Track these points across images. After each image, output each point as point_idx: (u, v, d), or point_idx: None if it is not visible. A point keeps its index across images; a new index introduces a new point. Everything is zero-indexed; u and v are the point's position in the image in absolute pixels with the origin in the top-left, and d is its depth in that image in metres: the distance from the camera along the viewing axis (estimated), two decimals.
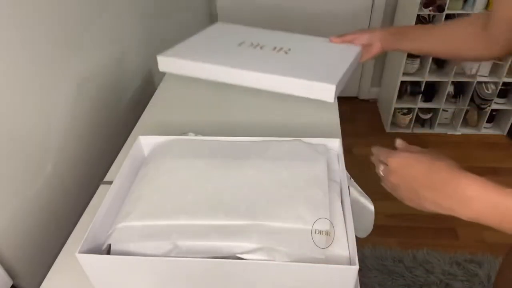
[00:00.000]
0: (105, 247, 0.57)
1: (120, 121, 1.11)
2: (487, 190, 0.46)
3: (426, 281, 1.49)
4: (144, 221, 0.58)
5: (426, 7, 1.82)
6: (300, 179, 0.62)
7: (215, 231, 0.56)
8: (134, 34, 1.22)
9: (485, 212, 0.46)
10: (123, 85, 1.14)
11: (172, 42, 1.06)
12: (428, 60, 1.99)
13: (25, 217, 0.74)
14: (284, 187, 0.61)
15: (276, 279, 0.53)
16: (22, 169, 0.73)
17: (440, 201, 0.49)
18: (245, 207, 0.59)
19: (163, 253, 0.55)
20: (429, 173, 0.51)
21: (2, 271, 0.67)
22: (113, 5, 1.06)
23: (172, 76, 1.19)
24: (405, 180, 0.53)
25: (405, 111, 2.18)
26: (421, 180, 0.51)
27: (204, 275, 0.55)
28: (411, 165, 0.53)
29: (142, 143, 0.74)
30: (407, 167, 0.53)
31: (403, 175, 0.53)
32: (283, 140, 0.71)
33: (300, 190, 0.61)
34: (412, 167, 0.52)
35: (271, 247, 0.53)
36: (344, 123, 0.93)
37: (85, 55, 0.94)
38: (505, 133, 2.18)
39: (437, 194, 0.49)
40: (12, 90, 0.70)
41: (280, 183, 0.62)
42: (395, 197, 0.57)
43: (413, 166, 0.52)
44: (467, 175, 0.48)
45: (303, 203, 0.58)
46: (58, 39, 0.82)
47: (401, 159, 0.54)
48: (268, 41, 0.99)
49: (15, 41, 0.70)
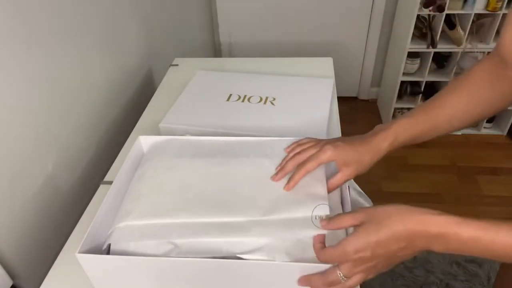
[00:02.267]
0: (105, 247, 0.57)
1: (120, 121, 1.11)
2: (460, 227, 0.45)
3: (426, 281, 1.49)
4: (144, 221, 0.58)
5: (426, 7, 1.82)
6: None
7: (215, 229, 0.56)
8: (134, 34, 1.22)
9: (459, 249, 0.46)
10: (123, 85, 1.14)
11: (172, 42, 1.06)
12: (428, 60, 1.99)
13: (25, 217, 0.74)
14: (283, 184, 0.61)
15: (276, 279, 0.53)
16: (22, 169, 0.73)
17: (416, 250, 0.48)
18: (244, 205, 0.59)
19: (163, 253, 0.54)
20: (395, 234, 0.47)
21: (2, 271, 0.67)
22: (113, 5, 1.06)
23: (172, 76, 1.19)
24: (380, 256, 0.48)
25: (405, 111, 2.18)
26: (394, 245, 0.47)
27: (204, 275, 0.55)
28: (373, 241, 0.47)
29: (142, 143, 0.74)
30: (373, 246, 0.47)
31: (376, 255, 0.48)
32: (283, 140, 0.71)
33: (299, 186, 0.61)
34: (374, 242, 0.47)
35: (271, 246, 0.53)
36: (344, 123, 0.93)
37: (85, 56, 0.94)
38: (505, 133, 2.17)
39: (410, 246, 0.47)
40: (12, 90, 0.70)
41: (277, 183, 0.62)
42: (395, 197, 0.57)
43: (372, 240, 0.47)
44: (429, 214, 0.46)
45: (303, 199, 0.58)
46: (58, 39, 0.82)
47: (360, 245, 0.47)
48: (253, 90, 1.01)
49: (16, 41, 0.70)
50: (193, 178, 0.64)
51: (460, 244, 0.45)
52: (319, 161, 0.60)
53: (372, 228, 0.47)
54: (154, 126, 0.91)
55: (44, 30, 0.77)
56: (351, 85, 2.46)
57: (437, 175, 1.94)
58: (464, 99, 0.63)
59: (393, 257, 0.48)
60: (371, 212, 0.49)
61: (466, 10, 1.83)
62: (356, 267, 0.48)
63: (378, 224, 0.47)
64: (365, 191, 0.69)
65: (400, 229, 0.46)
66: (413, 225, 0.46)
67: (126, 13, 1.15)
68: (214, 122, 0.89)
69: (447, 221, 0.45)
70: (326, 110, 0.92)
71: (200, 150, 0.70)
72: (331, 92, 0.99)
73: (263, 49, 2.27)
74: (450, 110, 0.63)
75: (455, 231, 0.45)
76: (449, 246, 0.46)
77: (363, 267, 0.48)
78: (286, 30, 2.24)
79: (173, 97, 0.98)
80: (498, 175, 1.94)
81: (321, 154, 0.60)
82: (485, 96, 0.63)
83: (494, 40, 1.90)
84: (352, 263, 0.48)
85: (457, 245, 0.45)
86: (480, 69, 0.64)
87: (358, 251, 0.47)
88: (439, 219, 0.46)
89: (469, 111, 0.63)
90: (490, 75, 0.63)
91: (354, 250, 0.47)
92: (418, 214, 0.47)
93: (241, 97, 0.97)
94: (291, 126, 0.87)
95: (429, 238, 0.46)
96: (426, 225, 0.46)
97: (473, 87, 0.63)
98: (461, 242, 0.45)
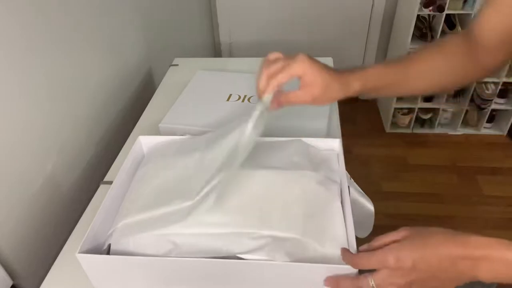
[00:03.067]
0: (105, 247, 0.57)
1: (120, 121, 1.11)
2: (508, 249, 0.42)
3: None
4: (144, 220, 0.58)
5: (426, 7, 1.82)
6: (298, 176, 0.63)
7: (215, 229, 0.56)
8: (134, 34, 1.22)
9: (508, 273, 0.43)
10: (123, 85, 1.14)
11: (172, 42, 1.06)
12: None
13: (25, 217, 0.74)
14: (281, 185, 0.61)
15: (276, 279, 0.53)
16: (22, 169, 0.73)
17: (460, 276, 0.45)
18: (245, 205, 0.59)
19: (163, 253, 0.55)
20: (440, 251, 0.44)
21: (2, 271, 0.67)
22: (114, 5, 1.06)
23: (172, 76, 1.19)
24: (420, 272, 0.45)
25: (405, 111, 2.18)
26: (436, 263, 0.44)
27: (204, 275, 0.55)
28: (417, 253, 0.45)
29: (142, 143, 0.74)
30: (415, 258, 0.45)
31: (416, 269, 0.45)
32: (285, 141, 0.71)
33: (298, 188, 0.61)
34: (417, 255, 0.45)
35: (271, 246, 0.53)
36: (344, 123, 0.93)
37: (85, 55, 0.94)
38: (505, 133, 2.17)
39: (453, 269, 0.44)
40: (11, 91, 0.70)
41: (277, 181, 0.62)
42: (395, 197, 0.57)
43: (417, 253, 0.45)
44: (475, 236, 0.44)
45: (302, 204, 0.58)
46: (58, 39, 0.82)
47: (403, 254, 0.45)
48: (253, 90, 1.01)
49: (15, 41, 0.70)
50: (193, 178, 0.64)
51: (507, 266, 0.42)
52: (291, 72, 0.55)
53: (418, 242, 0.46)
54: (154, 126, 0.91)
55: (44, 31, 0.77)
56: None
57: (437, 175, 1.94)
58: (438, 61, 0.63)
59: (434, 278, 0.45)
60: (415, 229, 0.48)
61: (466, 10, 1.83)
62: (392, 278, 0.46)
63: (424, 240, 0.45)
64: (365, 191, 0.69)
65: (445, 248, 0.44)
66: (459, 246, 0.44)
67: (126, 13, 1.15)
68: (214, 122, 0.89)
69: (494, 242, 0.43)
70: (326, 110, 0.92)
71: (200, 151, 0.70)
72: None
73: (263, 49, 2.27)
74: (424, 66, 0.63)
75: (501, 252, 0.42)
76: (495, 270, 0.43)
77: (399, 280, 0.46)
78: (286, 30, 2.24)
79: (173, 97, 0.98)
80: (498, 175, 1.94)
81: (294, 64, 0.55)
82: (458, 65, 0.62)
83: None
84: (389, 272, 0.46)
85: (504, 268, 0.42)
86: (454, 42, 0.64)
87: (400, 260, 0.45)
88: (483, 240, 0.43)
89: (442, 73, 0.63)
90: (464, 50, 0.62)
91: (395, 258, 0.45)
92: (462, 236, 0.45)
93: (241, 97, 0.97)
94: (291, 126, 0.87)
95: (473, 261, 0.43)
96: (470, 246, 0.43)
97: (448, 54, 0.63)
98: (508, 264, 0.42)
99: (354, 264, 0.49)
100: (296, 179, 0.63)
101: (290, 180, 0.62)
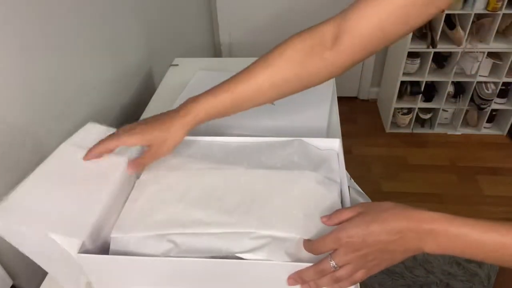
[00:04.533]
0: (105, 247, 0.57)
1: (120, 121, 1.11)
2: (451, 224, 0.46)
3: (426, 281, 1.49)
4: (144, 221, 0.58)
5: None
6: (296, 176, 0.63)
7: (215, 229, 0.56)
8: (134, 34, 1.22)
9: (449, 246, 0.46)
10: (123, 85, 1.14)
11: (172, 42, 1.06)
12: (428, 60, 1.99)
13: None
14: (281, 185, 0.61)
15: (276, 279, 0.53)
16: (22, 169, 0.73)
17: (407, 247, 0.48)
18: (246, 206, 0.59)
19: (163, 253, 0.55)
20: (387, 226, 0.48)
21: (2, 271, 0.67)
22: (113, 5, 1.06)
23: (172, 76, 1.19)
24: (371, 246, 0.48)
25: (405, 111, 2.18)
26: (385, 236, 0.47)
27: (204, 275, 0.55)
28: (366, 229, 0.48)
29: None
30: (365, 234, 0.48)
31: (367, 243, 0.48)
32: (283, 140, 0.71)
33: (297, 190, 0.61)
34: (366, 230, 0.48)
35: (271, 246, 0.53)
36: (344, 123, 0.93)
37: (85, 56, 0.94)
38: (505, 133, 2.17)
39: (402, 241, 0.47)
40: (11, 91, 0.70)
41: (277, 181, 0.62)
42: (395, 197, 0.57)
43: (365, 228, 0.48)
44: (422, 211, 0.47)
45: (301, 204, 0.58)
46: (58, 40, 0.82)
47: (353, 231, 0.49)
48: None
49: (15, 41, 0.70)
50: (193, 178, 0.64)
51: (449, 240, 0.45)
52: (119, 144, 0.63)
53: (367, 218, 0.49)
54: None
55: (43, 31, 0.77)
56: (351, 85, 2.46)
57: (437, 175, 1.94)
58: (270, 76, 0.62)
59: (385, 251, 0.48)
60: (367, 205, 0.52)
61: (466, 10, 1.83)
62: (347, 255, 0.49)
63: (373, 215, 0.49)
64: (365, 191, 0.69)
65: (393, 222, 0.48)
66: (406, 220, 0.47)
67: (126, 13, 1.15)
68: (213, 122, 0.89)
69: (438, 217, 0.46)
70: (326, 110, 0.92)
71: (200, 151, 0.70)
72: (331, 92, 0.99)
73: (263, 49, 2.27)
74: (255, 85, 0.62)
75: (445, 226, 0.45)
76: (439, 243, 0.46)
77: (353, 255, 0.49)
78: (286, 30, 2.22)
79: (173, 97, 0.98)
80: (498, 175, 1.94)
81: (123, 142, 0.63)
82: (292, 76, 0.62)
83: (494, 40, 1.89)
84: (344, 250, 0.49)
85: (446, 241, 0.46)
86: (292, 48, 0.63)
87: (351, 237, 0.48)
88: (431, 215, 0.46)
89: (275, 88, 0.63)
90: (302, 55, 0.62)
91: (347, 235, 0.48)
92: (412, 210, 0.48)
93: None
94: (291, 126, 0.87)
95: (420, 233, 0.46)
96: (417, 220, 0.47)
97: (283, 65, 0.63)
98: (449, 237, 0.45)
99: (314, 250, 0.52)
100: (296, 179, 0.63)
101: (290, 180, 0.62)
